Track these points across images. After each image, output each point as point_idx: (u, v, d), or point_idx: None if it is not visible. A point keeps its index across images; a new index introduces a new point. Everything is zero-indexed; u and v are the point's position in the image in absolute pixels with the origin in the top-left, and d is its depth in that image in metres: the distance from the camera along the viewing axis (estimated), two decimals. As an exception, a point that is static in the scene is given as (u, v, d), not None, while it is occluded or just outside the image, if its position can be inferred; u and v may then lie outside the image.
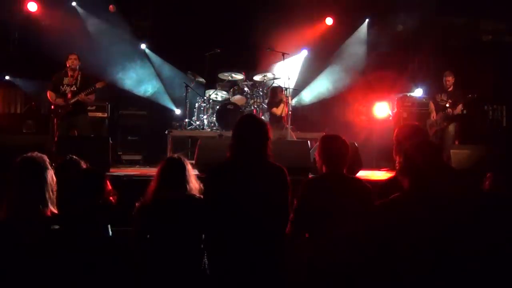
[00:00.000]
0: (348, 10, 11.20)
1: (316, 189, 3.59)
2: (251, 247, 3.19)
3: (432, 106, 9.44)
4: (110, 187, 2.81)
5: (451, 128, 9.07)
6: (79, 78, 8.27)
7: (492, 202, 3.12)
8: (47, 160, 3.20)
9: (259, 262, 3.19)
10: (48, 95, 8.32)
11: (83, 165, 3.81)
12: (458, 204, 2.77)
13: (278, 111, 9.05)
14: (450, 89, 9.23)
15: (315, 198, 3.52)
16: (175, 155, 3.88)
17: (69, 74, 8.26)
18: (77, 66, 8.29)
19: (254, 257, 3.18)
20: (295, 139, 9.01)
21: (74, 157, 3.88)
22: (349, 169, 3.85)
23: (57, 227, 2.82)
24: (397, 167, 3.70)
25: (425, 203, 2.71)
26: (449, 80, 9.22)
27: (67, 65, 8.25)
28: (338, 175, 3.62)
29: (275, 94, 9.27)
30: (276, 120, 9.16)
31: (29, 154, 3.23)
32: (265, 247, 3.22)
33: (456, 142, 9.03)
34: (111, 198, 2.79)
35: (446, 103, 9.12)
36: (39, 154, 3.23)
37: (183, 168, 3.73)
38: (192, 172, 3.80)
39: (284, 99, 9.07)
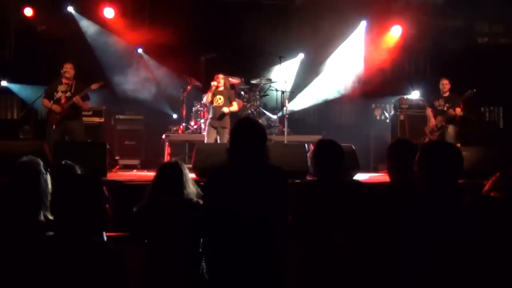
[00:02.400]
0: (344, 13, 11.21)
1: (311, 194, 3.59)
2: (250, 252, 3.18)
3: (429, 112, 9.39)
4: (106, 194, 2.79)
5: (451, 130, 9.05)
6: (73, 85, 8.27)
7: (492, 206, 3.11)
8: (42, 164, 3.18)
9: (258, 266, 3.17)
10: (43, 102, 8.30)
11: (78, 170, 3.79)
12: (460, 210, 2.75)
13: (207, 97, 8.61)
14: (446, 95, 9.22)
15: (310, 203, 3.52)
16: (173, 160, 3.87)
17: (63, 82, 8.26)
18: (72, 75, 8.29)
19: (253, 261, 3.17)
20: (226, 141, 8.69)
21: (68, 162, 3.86)
22: (346, 172, 3.85)
23: (51, 233, 2.80)
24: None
25: (426, 207, 2.70)
26: (445, 85, 9.21)
27: (62, 74, 8.24)
28: (333, 180, 3.62)
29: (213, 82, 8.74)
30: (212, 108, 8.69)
31: (23, 158, 3.20)
32: (265, 251, 3.21)
33: (458, 144, 9.00)
34: (106, 205, 2.76)
35: (444, 107, 9.12)
36: (34, 158, 3.20)
37: (181, 173, 3.72)
38: (189, 177, 3.79)
39: (214, 87, 8.54)
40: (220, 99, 8.63)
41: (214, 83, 8.65)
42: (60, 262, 2.51)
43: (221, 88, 8.72)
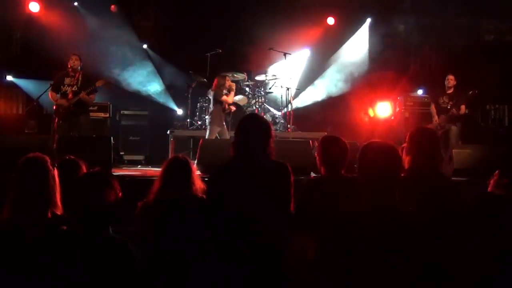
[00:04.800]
0: (349, 9, 11.19)
1: (314, 190, 3.60)
2: (254, 247, 3.18)
3: (433, 109, 9.35)
4: (117, 189, 2.81)
5: (454, 128, 9.01)
6: (80, 78, 8.29)
7: (494, 204, 3.10)
8: (49, 160, 3.19)
9: (262, 261, 3.18)
10: (50, 95, 8.34)
11: (82, 165, 3.80)
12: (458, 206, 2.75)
13: (229, 99, 8.79)
14: (450, 91, 9.18)
15: (314, 199, 3.53)
16: (180, 155, 3.87)
17: (70, 74, 8.29)
18: (78, 67, 8.31)
19: (257, 256, 3.18)
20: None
21: (72, 157, 3.87)
22: (351, 169, 3.85)
23: (64, 228, 2.83)
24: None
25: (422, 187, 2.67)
26: (451, 80, 9.16)
27: (69, 66, 8.27)
28: (337, 176, 3.62)
29: (223, 83, 8.81)
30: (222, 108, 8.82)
31: (30, 154, 3.21)
32: (269, 246, 3.22)
33: (460, 142, 8.98)
34: (117, 200, 2.79)
35: (448, 105, 9.08)
36: (41, 155, 3.21)
37: (189, 168, 3.72)
38: (196, 172, 3.80)
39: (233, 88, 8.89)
40: None
41: (232, 84, 8.81)
42: (77, 255, 2.54)
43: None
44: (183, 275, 3.53)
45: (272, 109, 10.56)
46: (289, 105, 9.74)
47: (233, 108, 8.99)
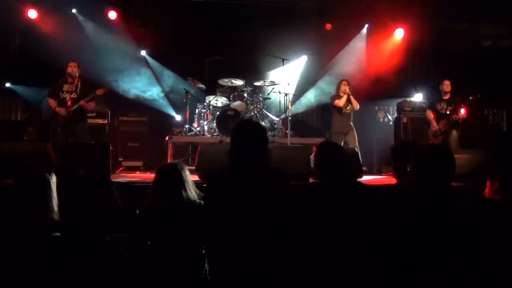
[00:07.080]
0: (347, 15, 11.21)
1: (313, 196, 3.60)
2: (252, 254, 3.18)
3: (430, 115, 9.32)
4: (116, 195, 2.81)
5: (454, 133, 9.01)
6: (79, 85, 8.30)
7: (493, 209, 3.10)
8: (44, 167, 3.20)
9: (261, 268, 3.18)
10: (48, 102, 8.35)
11: (79, 171, 3.80)
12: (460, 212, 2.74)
13: (340, 102, 9.37)
14: (447, 97, 9.18)
15: (312, 205, 3.53)
16: (171, 161, 3.88)
17: (68, 81, 8.30)
18: (77, 74, 8.32)
19: (255, 263, 3.18)
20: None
21: (69, 163, 3.87)
22: (349, 175, 3.86)
23: (58, 234, 2.82)
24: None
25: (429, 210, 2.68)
26: (447, 85, 9.16)
27: (67, 73, 8.28)
28: (334, 182, 3.63)
29: (338, 87, 9.56)
30: (340, 114, 9.51)
31: (25, 163, 3.22)
32: (267, 253, 3.21)
33: (459, 148, 8.97)
34: (114, 207, 2.78)
35: (446, 111, 9.09)
36: (35, 163, 3.22)
37: (179, 174, 3.71)
38: (189, 178, 3.79)
39: (348, 92, 9.38)
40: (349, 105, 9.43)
41: (346, 88, 9.39)
42: (70, 262, 2.53)
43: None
44: (181, 282, 3.52)
45: (270, 115, 10.55)
46: (288, 111, 9.75)
47: (348, 109, 9.49)
